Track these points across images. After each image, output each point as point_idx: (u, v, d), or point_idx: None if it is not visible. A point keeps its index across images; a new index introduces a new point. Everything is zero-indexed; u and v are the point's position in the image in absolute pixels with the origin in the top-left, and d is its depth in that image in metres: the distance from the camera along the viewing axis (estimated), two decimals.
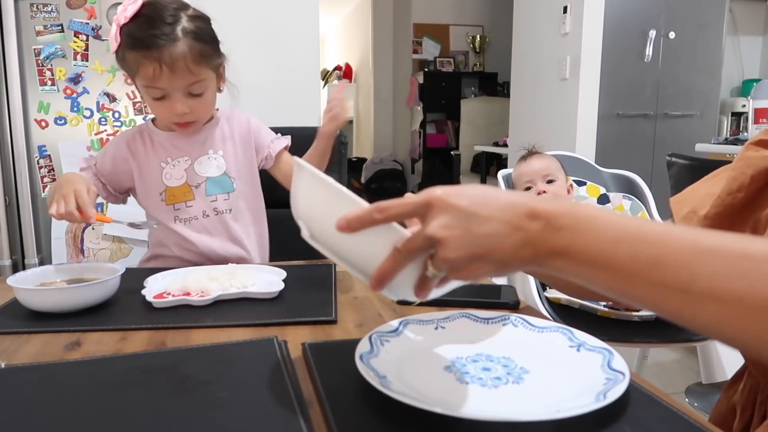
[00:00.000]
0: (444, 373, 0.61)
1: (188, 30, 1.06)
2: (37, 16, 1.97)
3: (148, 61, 1.04)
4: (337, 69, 7.76)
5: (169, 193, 1.19)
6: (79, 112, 2.02)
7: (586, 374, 0.58)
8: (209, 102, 1.16)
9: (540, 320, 0.72)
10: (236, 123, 1.26)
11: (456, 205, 0.46)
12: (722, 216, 0.69)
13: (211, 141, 1.22)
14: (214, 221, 1.21)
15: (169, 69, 1.04)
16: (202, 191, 1.20)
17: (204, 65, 1.09)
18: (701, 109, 3.54)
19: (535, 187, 1.73)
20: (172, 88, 1.08)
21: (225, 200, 1.21)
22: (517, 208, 0.45)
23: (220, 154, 1.22)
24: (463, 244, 0.46)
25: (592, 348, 0.63)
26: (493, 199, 0.47)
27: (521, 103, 4.01)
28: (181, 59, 1.04)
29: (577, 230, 0.43)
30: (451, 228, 0.46)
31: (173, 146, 1.20)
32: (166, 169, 1.19)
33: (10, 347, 0.72)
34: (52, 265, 0.94)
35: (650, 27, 3.34)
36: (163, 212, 1.19)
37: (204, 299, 0.86)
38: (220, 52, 1.15)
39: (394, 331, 0.69)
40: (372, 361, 0.60)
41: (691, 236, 0.41)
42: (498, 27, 5.72)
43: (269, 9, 2.53)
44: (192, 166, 1.20)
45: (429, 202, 0.48)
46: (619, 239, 0.42)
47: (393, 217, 0.49)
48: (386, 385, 0.53)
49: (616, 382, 0.54)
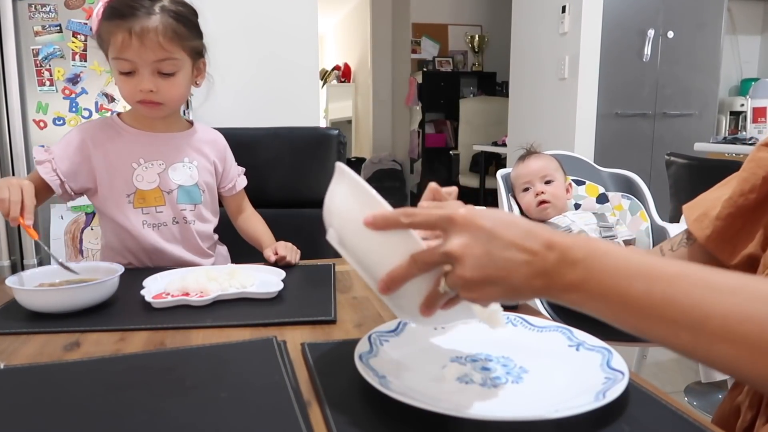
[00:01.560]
0: (443, 372, 0.61)
1: (167, 8, 1.05)
2: (36, 17, 1.96)
3: (119, 30, 1.02)
4: (335, 69, 7.76)
5: (139, 195, 1.13)
6: (77, 113, 2.02)
7: (585, 373, 0.58)
8: (180, 86, 1.10)
9: (539, 320, 0.72)
10: (212, 142, 1.24)
11: (479, 225, 0.47)
12: (734, 217, 0.69)
13: (187, 149, 1.19)
14: (182, 229, 1.18)
15: (139, 40, 1.02)
16: (173, 198, 1.16)
17: (177, 44, 1.06)
18: (700, 109, 3.54)
19: (533, 188, 1.73)
20: (141, 61, 1.04)
21: (191, 211, 1.18)
22: (536, 237, 0.46)
23: (195, 165, 1.19)
24: (480, 265, 0.46)
25: (591, 347, 0.63)
26: (514, 225, 0.47)
27: (520, 102, 4.01)
28: (153, 32, 1.02)
29: (591, 265, 0.44)
30: (471, 247, 0.46)
31: (148, 146, 1.15)
32: (138, 170, 1.13)
33: (9, 348, 0.72)
34: (51, 265, 0.94)
35: (649, 26, 3.34)
36: (129, 215, 1.13)
37: (203, 299, 0.86)
38: (200, 41, 1.12)
39: (394, 330, 0.69)
40: (371, 361, 0.60)
41: (705, 275, 0.42)
42: (496, 27, 5.72)
43: (268, 9, 2.52)
44: (166, 171, 1.15)
45: (453, 218, 0.48)
46: (633, 275, 0.42)
47: (418, 224, 0.50)
48: (385, 385, 0.53)
49: (615, 382, 0.54)
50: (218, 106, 1.23)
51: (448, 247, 0.48)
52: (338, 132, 1.58)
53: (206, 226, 1.22)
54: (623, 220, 1.80)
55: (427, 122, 5.81)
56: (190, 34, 1.09)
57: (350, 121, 7.47)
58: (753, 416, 0.66)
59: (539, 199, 1.72)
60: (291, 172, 1.49)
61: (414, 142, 6.03)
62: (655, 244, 1.74)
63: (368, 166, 6.25)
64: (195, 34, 1.11)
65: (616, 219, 1.77)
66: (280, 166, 1.50)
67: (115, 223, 1.14)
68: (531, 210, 1.75)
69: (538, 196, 1.72)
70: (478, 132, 5.34)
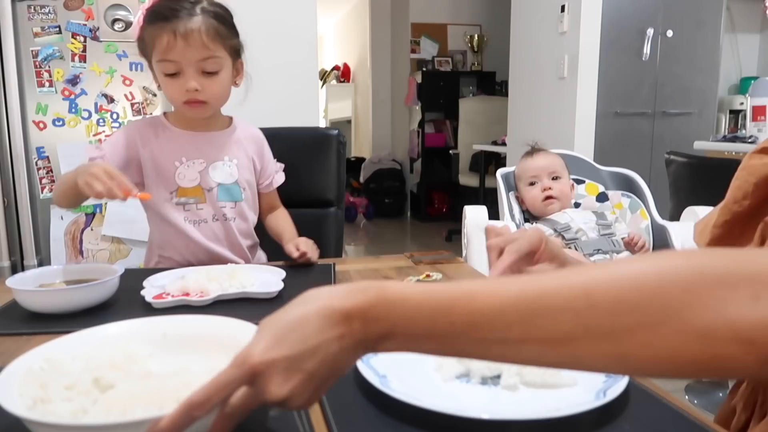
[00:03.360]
0: (443, 371, 0.60)
1: (207, 9, 1.09)
2: (35, 18, 1.96)
3: (163, 33, 1.06)
4: (335, 69, 7.76)
5: (180, 192, 1.17)
6: (77, 114, 2.02)
7: (586, 372, 0.58)
8: (223, 85, 1.14)
9: None
10: (251, 138, 1.27)
11: (279, 357, 0.43)
12: (731, 224, 0.70)
13: (228, 147, 1.22)
14: (222, 227, 1.20)
15: (184, 40, 1.05)
16: (213, 196, 1.19)
17: (219, 43, 1.10)
18: (699, 107, 3.54)
19: (540, 183, 1.73)
20: (185, 61, 1.07)
21: (232, 208, 1.21)
22: (331, 319, 0.44)
23: (234, 163, 1.21)
24: (309, 387, 0.44)
25: None
26: (304, 324, 0.44)
27: (519, 102, 4.01)
28: (197, 31, 1.06)
29: (393, 315, 0.43)
30: (291, 381, 0.43)
31: (190, 145, 1.18)
32: (180, 168, 1.17)
33: (9, 348, 0.72)
34: (51, 266, 0.94)
35: (648, 25, 3.34)
36: (171, 210, 1.17)
37: (203, 299, 0.86)
38: (238, 39, 1.16)
39: None
40: (372, 361, 0.60)
41: (496, 288, 0.43)
42: (496, 26, 5.71)
43: (267, 9, 2.52)
44: (207, 169, 1.18)
45: (254, 371, 0.43)
46: (433, 312, 0.43)
47: (215, 406, 0.43)
48: (386, 384, 0.53)
49: (615, 381, 0.54)
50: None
51: (271, 397, 0.43)
52: (338, 132, 1.58)
53: (246, 224, 1.25)
54: (623, 219, 1.80)
55: (427, 122, 5.81)
56: (229, 33, 1.13)
57: (350, 121, 7.47)
58: (747, 418, 0.67)
59: (546, 194, 1.72)
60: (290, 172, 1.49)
61: (413, 142, 6.03)
62: (655, 243, 1.74)
63: (368, 166, 6.25)
64: (233, 33, 1.15)
65: (615, 217, 1.77)
66: None
67: (160, 218, 1.18)
68: (536, 204, 1.75)
69: (545, 191, 1.72)
70: (478, 131, 5.33)
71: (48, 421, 0.45)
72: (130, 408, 0.47)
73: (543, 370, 0.58)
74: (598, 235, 1.66)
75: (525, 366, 0.57)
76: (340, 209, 1.58)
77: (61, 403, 0.49)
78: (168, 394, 0.48)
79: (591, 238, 1.65)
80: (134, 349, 0.57)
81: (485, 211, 1.81)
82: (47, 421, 0.45)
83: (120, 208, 2.03)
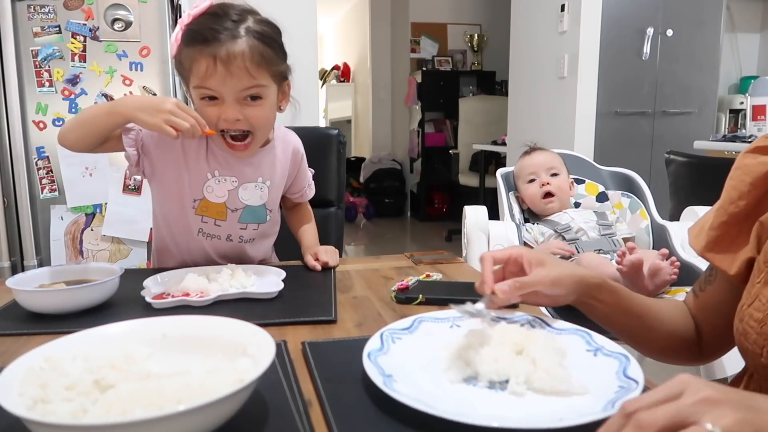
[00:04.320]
0: (452, 373, 0.59)
1: (252, 30, 0.98)
2: (35, 18, 1.96)
3: (202, 57, 0.95)
4: (335, 68, 7.76)
5: (203, 204, 1.10)
6: (77, 114, 2.02)
7: (599, 380, 0.57)
8: (267, 114, 1.04)
9: (559, 322, 0.70)
10: (291, 154, 1.19)
11: None
12: (727, 225, 0.69)
13: (263, 168, 1.13)
14: (234, 248, 1.15)
15: (225, 67, 0.94)
16: (236, 216, 1.12)
17: (264, 70, 0.99)
18: (699, 107, 3.54)
19: (538, 179, 1.74)
20: (225, 90, 0.97)
21: (254, 230, 1.15)
22: None
23: (267, 185, 1.14)
24: None
25: (609, 353, 0.61)
26: None
27: (519, 101, 4.01)
28: (240, 57, 0.95)
29: None
30: None
31: (226, 161, 1.09)
32: (210, 182, 1.09)
33: (9, 349, 0.72)
34: (51, 266, 0.94)
35: (648, 25, 3.34)
36: (188, 218, 1.11)
37: (203, 300, 0.86)
38: (286, 63, 1.05)
39: (408, 328, 0.68)
40: (380, 359, 0.59)
41: None
42: (495, 26, 5.71)
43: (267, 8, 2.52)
44: (237, 189, 1.10)
45: None
46: None
47: None
48: (389, 384, 0.53)
49: (628, 391, 0.53)
50: None
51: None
52: (338, 132, 1.58)
53: (264, 243, 1.21)
54: (623, 219, 1.80)
55: (427, 121, 5.81)
56: (276, 58, 1.02)
57: (350, 120, 7.47)
58: None
59: (545, 190, 1.72)
60: None
61: (413, 142, 6.03)
62: (655, 242, 1.74)
63: (368, 166, 6.25)
64: (281, 56, 1.04)
65: (616, 217, 1.77)
66: None
67: (173, 221, 1.13)
68: (535, 201, 1.75)
69: (544, 187, 1.72)
70: (478, 131, 5.33)
71: (48, 421, 0.45)
72: (130, 408, 0.47)
73: (552, 377, 0.56)
74: (598, 235, 1.66)
75: (534, 372, 0.57)
76: (340, 209, 1.58)
77: (61, 403, 0.49)
78: (168, 394, 0.48)
79: (592, 237, 1.65)
80: (134, 350, 0.57)
81: (485, 211, 1.81)
82: (47, 421, 0.45)
83: (120, 209, 2.03)
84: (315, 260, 1.11)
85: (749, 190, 0.68)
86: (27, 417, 0.44)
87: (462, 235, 1.88)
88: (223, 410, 0.47)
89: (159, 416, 0.42)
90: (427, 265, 1.15)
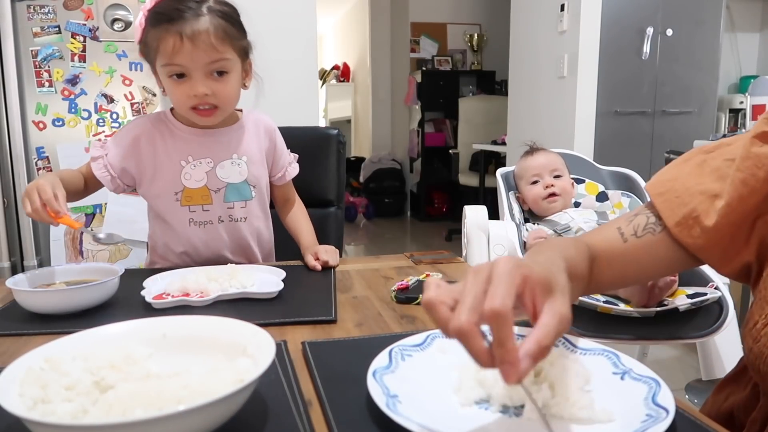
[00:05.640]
0: (463, 395, 0.55)
1: (214, 8, 1.03)
2: (34, 18, 1.96)
3: (169, 35, 1.00)
4: (334, 68, 7.76)
5: (186, 194, 1.13)
6: (77, 114, 2.02)
7: (625, 407, 0.51)
8: (233, 88, 1.09)
9: (584, 341, 0.63)
10: (263, 131, 1.22)
11: None
12: (731, 224, 0.63)
13: (236, 144, 1.16)
14: (230, 228, 1.17)
15: (191, 42, 1.00)
16: (220, 196, 1.15)
17: (228, 45, 1.04)
18: (699, 106, 3.54)
19: (542, 180, 1.74)
20: (193, 65, 1.02)
21: (242, 208, 1.17)
22: None
23: (244, 160, 1.16)
24: None
25: (638, 377, 0.56)
26: None
27: (519, 101, 4.01)
28: (204, 33, 1.00)
29: None
30: None
31: (197, 143, 1.14)
32: (186, 168, 1.12)
33: (9, 349, 0.72)
34: (51, 266, 0.94)
35: (647, 24, 3.34)
36: (176, 212, 1.14)
37: (203, 300, 0.86)
38: (246, 39, 1.11)
39: (420, 345, 0.63)
40: (386, 378, 0.55)
41: None
42: (495, 25, 5.71)
43: (267, 8, 2.52)
44: (214, 169, 1.14)
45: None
46: None
47: None
48: (392, 406, 0.50)
49: (657, 420, 0.47)
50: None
51: None
52: (338, 131, 1.58)
53: (257, 223, 1.21)
54: None
55: (427, 121, 5.81)
56: (238, 33, 1.08)
57: (349, 120, 7.48)
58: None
59: (549, 192, 1.72)
60: None
61: (413, 141, 6.03)
62: None
63: (368, 166, 6.25)
64: (242, 32, 1.10)
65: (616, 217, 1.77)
66: None
67: (162, 220, 1.16)
68: (538, 203, 1.75)
69: (548, 188, 1.72)
70: (478, 131, 5.34)
71: (48, 422, 0.45)
72: (130, 408, 0.47)
73: (571, 403, 0.51)
74: None
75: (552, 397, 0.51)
76: (340, 209, 1.58)
77: (61, 404, 0.49)
78: (168, 394, 0.48)
79: None
80: (134, 350, 0.57)
81: (485, 211, 1.81)
82: (47, 422, 0.45)
83: (120, 209, 2.03)
84: (315, 260, 1.11)
85: (762, 186, 0.60)
86: (27, 417, 0.44)
87: (462, 235, 1.88)
88: (223, 410, 0.47)
89: (159, 416, 0.42)
90: (427, 265, 1.15)
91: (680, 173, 0.69)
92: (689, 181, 0.67)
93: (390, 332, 0.76)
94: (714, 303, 1.39)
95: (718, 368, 1.50)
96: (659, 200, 0.68)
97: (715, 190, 0.64)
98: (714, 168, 0.66)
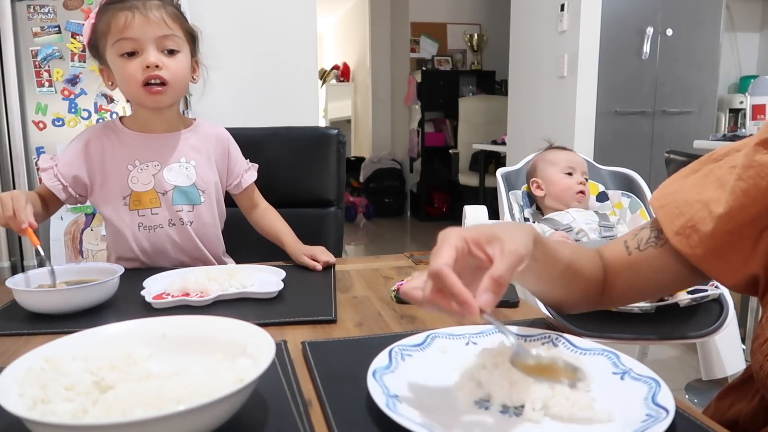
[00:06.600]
0: (463, 395, 0.55)
1: None
2: (34, 18, 1.96)
3: (121, 12, 1.03)
4: (334, 68, 7.76)
5: (134, 197, 1.12)
6: (77, 114, 2.02)
7: (625, 407, 0.52)
8: (183, 68, 1.10)
9: (584, 341, 0.63)
10: (214, 139, 1.21)
11: None
12: (732, 234, 0.62)
13: (185, 149, 1.16)
14: (179, 231, 1.16)
15: (143, 15, 1.03)
16: (168, 199, 1.14)
17: (178, 25, 1.08)
18: (699, 106, 3.54)
19: (575, 175, 1.74)
20: (144, 37, 1.03)
21: (189, 212, 1.16)
22: None
23: (192, 164, 1.16)
24: None
25: (638, 377, 0.56)
26: None
27: (519, 101, 4.01)
28: (155, 8, 1.04)
29: None
30: None
31: (144, 147, 1.13)
32: (133, 172, 1.12)
33: (9, 349, 0.72)
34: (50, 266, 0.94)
35: (647, 24, 3.34)
36: (124, 217, 1.13)
37: (203, 300, 0.86)
38: (193, 29, 1.14)
39: (419, 345, 0.63)
40: (386, 378, 0.56)
41: None
42: (495, 25, 5.71)
43: (267, 8, 2.52)
44: (161, 171, 1.13)
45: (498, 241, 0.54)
46: None
47: None
48: (392, 406, 0.50)
49: (657, 420, 0.47)
50: (217, 105, 1.22)
51: None
52: (338, 131, 1.58)
53: (207, 228, 1.19)
54: (623, 219, 1.80)
55: (427, 121, 5.81)
56: (184, 18, 1.12)
57: (349, 120, 7.48)
58: None
59: (581, 189, 1.73)
60: (290, 171, 1.49)
61: (413, 141, 6.03)
62: None
63: (368, 166, 6.26)
64: (187, 24, 1.13)
65: (617, 219, 1.77)
66: (279, 166, 1.50)
67: (113, 226, 1.15)
68: (567, 193, 1.73)
69: (581, 184, 1.74)
70: (478, 131, 5.34)
71: (48, 422, 0.45)
72: (130, 408, 0.47)
73: (571, 403, 0.51)
74: (599, 236, 1.66)
75: (552, 397, 0.52)
76: (340, 209, 1.58)
77: (61, 404, 0.49)
78: (168, 394, 0.48)
79: (592, 239, 1.65)
80: (134, 350, 0.57)
81: (485, 211, 1.81)
82: (47, 422, 0.45)
83: None
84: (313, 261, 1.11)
85: (764, 196, 0.59)
86: (27, 417, 0.44)
87: None
88: (223, 410, 0.47)
89: (159, 416, 0.42)
90: (427, 264, 1.14)
91: (683, 186, 0.68)
92: (691, 193, 0.66)
93: (390, 332, 0.76)
94: (714, 303, 1.39)
95: (718, 368, 1.51)
96: (660, 213, 0.69)
97: (714, 198, 0.63)
98: (718, 177, 0.65)
